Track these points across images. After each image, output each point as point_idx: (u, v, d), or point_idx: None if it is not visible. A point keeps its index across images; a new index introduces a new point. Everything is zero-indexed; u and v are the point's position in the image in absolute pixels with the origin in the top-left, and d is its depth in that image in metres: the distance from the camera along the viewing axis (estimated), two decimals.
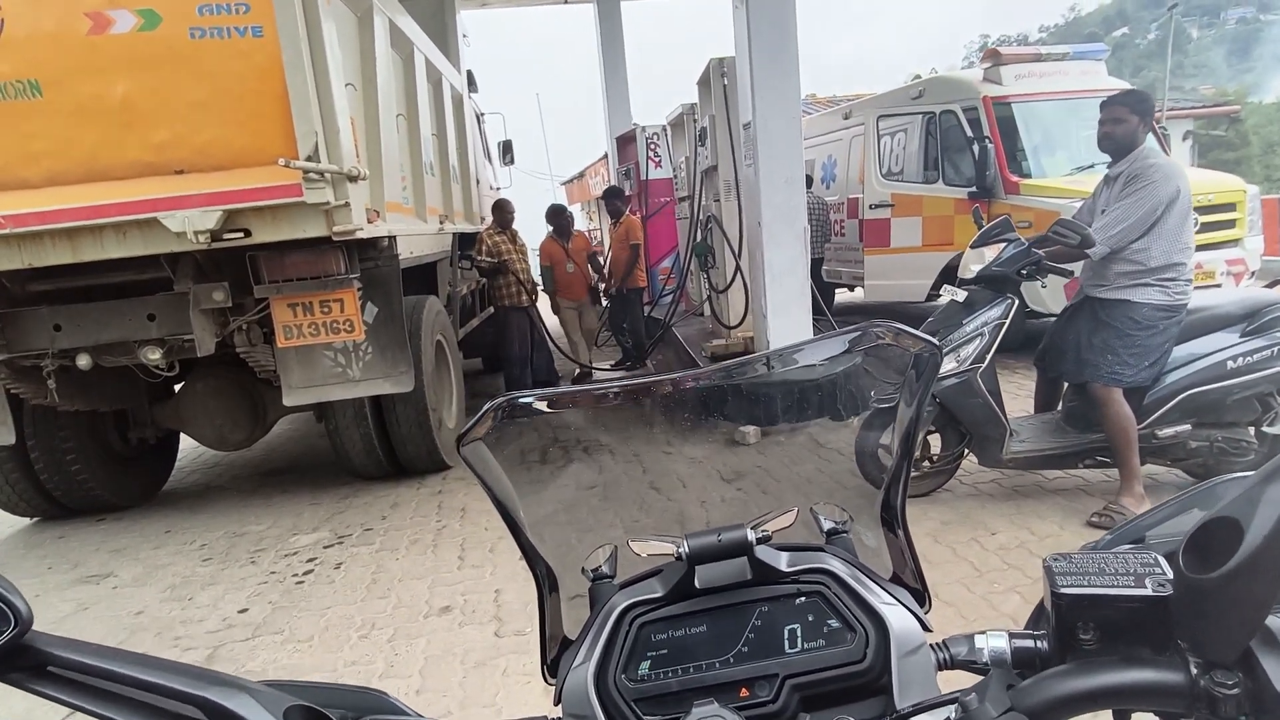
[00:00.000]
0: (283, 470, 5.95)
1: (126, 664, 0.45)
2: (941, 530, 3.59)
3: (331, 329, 4.05)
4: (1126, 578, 0.50)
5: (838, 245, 9.63)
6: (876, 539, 0.80)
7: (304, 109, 3.38)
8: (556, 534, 0.83)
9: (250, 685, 0.48)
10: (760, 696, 0.64)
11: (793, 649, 0.66)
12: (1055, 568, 0.52)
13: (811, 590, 0.68)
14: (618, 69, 11.43)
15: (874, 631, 0.65)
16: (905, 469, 0.75)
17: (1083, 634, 0.51)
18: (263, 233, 3.59)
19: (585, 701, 0.63)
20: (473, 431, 0.69)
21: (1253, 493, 0.42)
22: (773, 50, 5.30)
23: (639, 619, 0.67)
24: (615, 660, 0.66)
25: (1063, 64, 7.43)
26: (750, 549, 0.67)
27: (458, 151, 7.04)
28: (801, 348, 0.76)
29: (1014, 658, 0.58)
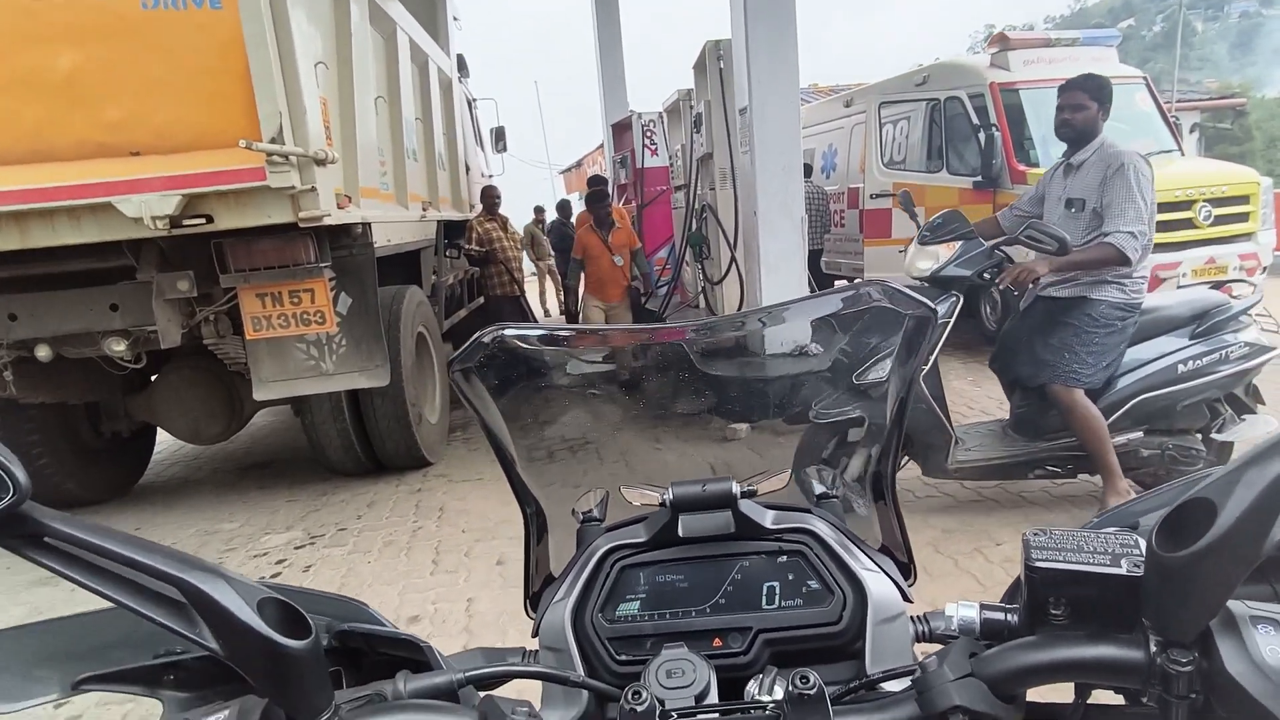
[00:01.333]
0: (263, 464, 5.78)
1: (116, 541, 0.46)
2: (943, 539, 3.41)
3: (302, 320, 3.85)
4: (1103, 556, 0.49)
5: (837, 236, 9.41)
6: (868, 509, 0.80)
7: (267, 88, 3.18)
8: (549, 474, 0.84)
9: (228, 573, 0.48)
10: (732, 647, 0.64)
11: (770, 605, 0.66)
12: (1033, 541, 0.52)
13: (794, 549, 0.68)
14: (614, 54, 11.18)
15: (853, 596, 0.65)
16: (896, 439, 0.74)
17: (1054, 609, 0.51)
18: (226, 218, 3.39)
19: (561, 636, 0.65)
20: (462, 358, 0.70)
21: (1232, 475, 0.42)
22: (770, 31, 5.08)
23: (620, 561, 0.68)
24: (594, 599, 0.67)
25: (1073, 50, 7.19)
26: (734, 502, 0.67)
27: (445, 137, 6.82)
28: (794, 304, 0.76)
29: (983, 628, 0.58)
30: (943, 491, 4.01)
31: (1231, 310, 3.32)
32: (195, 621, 0.47)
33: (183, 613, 0.47)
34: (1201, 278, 6.19)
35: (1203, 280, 6.20)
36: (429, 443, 5.07)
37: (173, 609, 0.47)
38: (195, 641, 0.47)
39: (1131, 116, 7.27)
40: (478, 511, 4.28)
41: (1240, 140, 27.29)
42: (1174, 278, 6.10)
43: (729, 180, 6.21)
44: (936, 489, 4.04)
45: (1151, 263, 6.00)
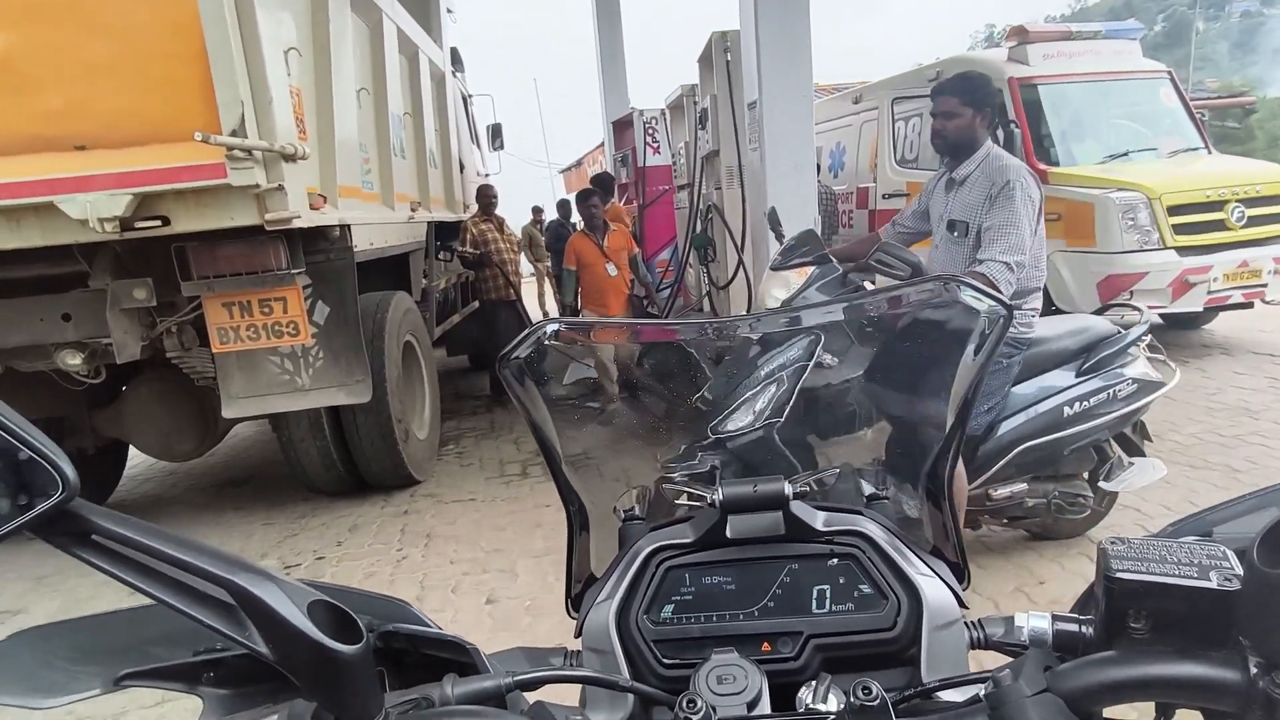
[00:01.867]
0: (242, 481, 5.44)
1: (164, 541, 0.45)
2: (981, 578, 3.07)
3: (274, 332, 3.52)
4: (1190, 568, 0.46)
5: (845, 238, 9.07)
6: (919, 509, 0.78)
7: (227, 73, 2.84)
8: (591, 471, 0.83)
9: (278, 576, 0.47)
10: (782, 652, 0.63)
11: (820, 609, 0.65)
12: (1112, 551, 0.49)
13: (845, 552, 0.66)
14: (614, 50, 10.85)
15: (907, 601, 0.63)
16: (958, 439, 0.72)
17: (1133, 622, 0.48)
18: (184, 220, 3.05)
19: (605, 637, 0.64)
20: (514, 352, 0.71)
21: None
22: (783, 20, 4.75)
23: (666, 562, 0.68)
24: (639, 600, 0.66)
25: (1094, 43, 6.86)
26: (786, 503, 0.66)
27: (437, 133, 6.48)
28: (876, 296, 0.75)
29: (1055, 640, 0.55)
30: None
31: (1120, 342, 2.95)
32: (244, 624, 0.46)
33: (232, 615, 0.46)
34: (1234, 282, 5.86)
35: (1236, 285, 5.88)
36: (417, 460, 4.73)
37: (221, 611, 0.46)
38: (245, 645, 0.46)
39: (1156, 113, 6.95)
40: (468, 538, 3.94)
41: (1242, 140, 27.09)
42: (1204, 282, 5.77)
43: (736, 179, 5.88)
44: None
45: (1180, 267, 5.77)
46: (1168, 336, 6.91)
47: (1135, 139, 6.72)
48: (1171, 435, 4.46)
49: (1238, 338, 6.70)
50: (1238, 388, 5.27)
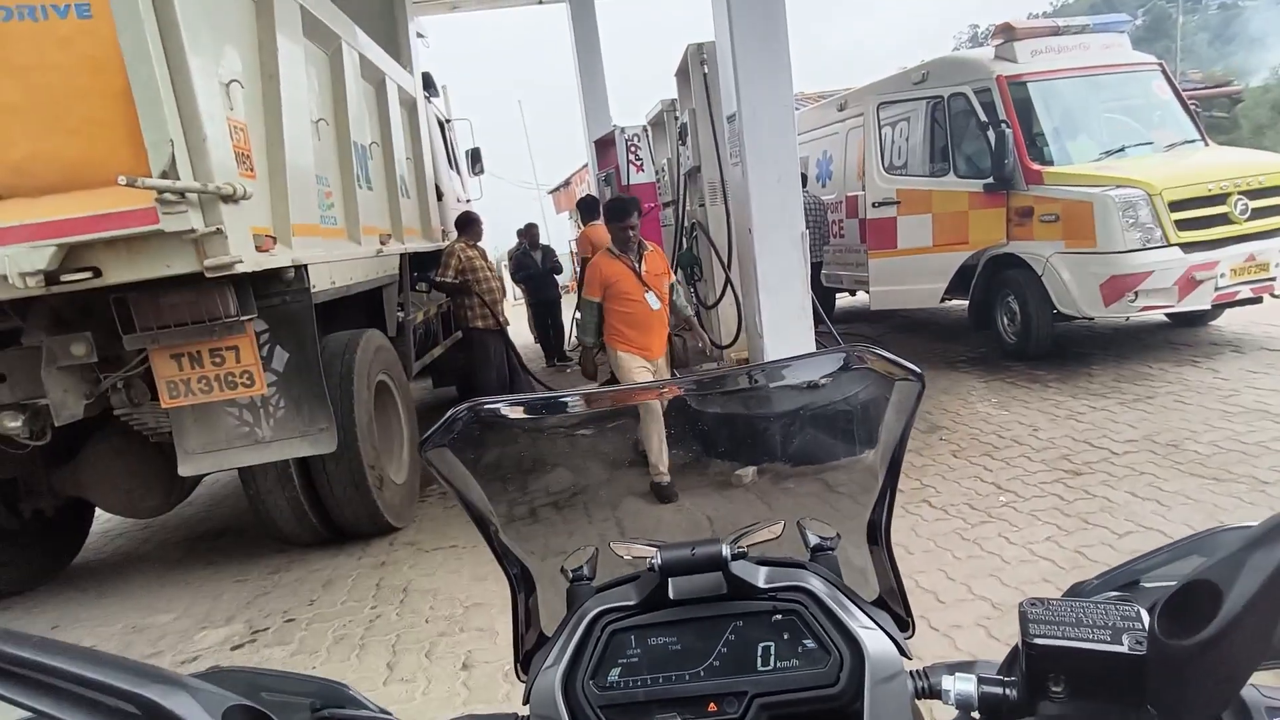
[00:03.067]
0: (216, 534, 5.18)
1: (64, 658, 0.43)
2: (994, 618, 2.81)
3: (227, 383, 3.28)
4: (1104, 631, 0.47)
5: (837, 247, 8.86)
6: (863, 559, 0.79)
7: (153, 112, 2.62)
8: (535, 534, 0.84)
9: (190, 683, 0.46)
10: (728, 713, 0.63)
11: (765, 667, 0.65)
12: (1030, 614, 0.50)
13: (788, 609, 0.66)
14: (594, 69, 10.70)
15: (849, 655, 0.63)
16: (890, 490, 0.74)
17: (1053, 685, 0.48)
18: (117, 271, 2.82)
19: (552, 704, 0.64)
20: (435, 438, 0.70)
21: (1236, 557, 0.40)
22: (759, 28, 4.54)
23: (611, 625, 0.67)
24: (585, 665, 0.66)
25: (1083, 37, 6.67)
26: (725, 564, 0.66)
27: (410, 161, 6.29)
28: (784, 362, 0.76)
29: (981, 702, 0.55)
30: (986, 550, 3.44)
31: None
32: None
33: None
34: (1242, 277, 5.63)
35: (1244, 280, 5.65)
36: (394, 506, 4.48)
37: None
38: None
39: (1150, 106, 6.75)
40: (446, 592, 3.69)
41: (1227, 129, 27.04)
42: (1212, 279, 5.54)
43: (719, 194, 5.66)
44: (979, 546, 3.47)
45: (1185, 264, 5.55)
46: (1174, 335, 6.68)
47: (1130, 134, 6.52)
48: (1190, 445, 4.22)
49: (1248, 333, 6.45)
50: (1254, 388, 5.03)
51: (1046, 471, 4.21)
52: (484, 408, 0.72)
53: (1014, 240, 6.30)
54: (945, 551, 3.45)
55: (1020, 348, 6.47)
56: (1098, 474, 4.07)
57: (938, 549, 3.48)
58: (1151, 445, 4.32)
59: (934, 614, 2.98)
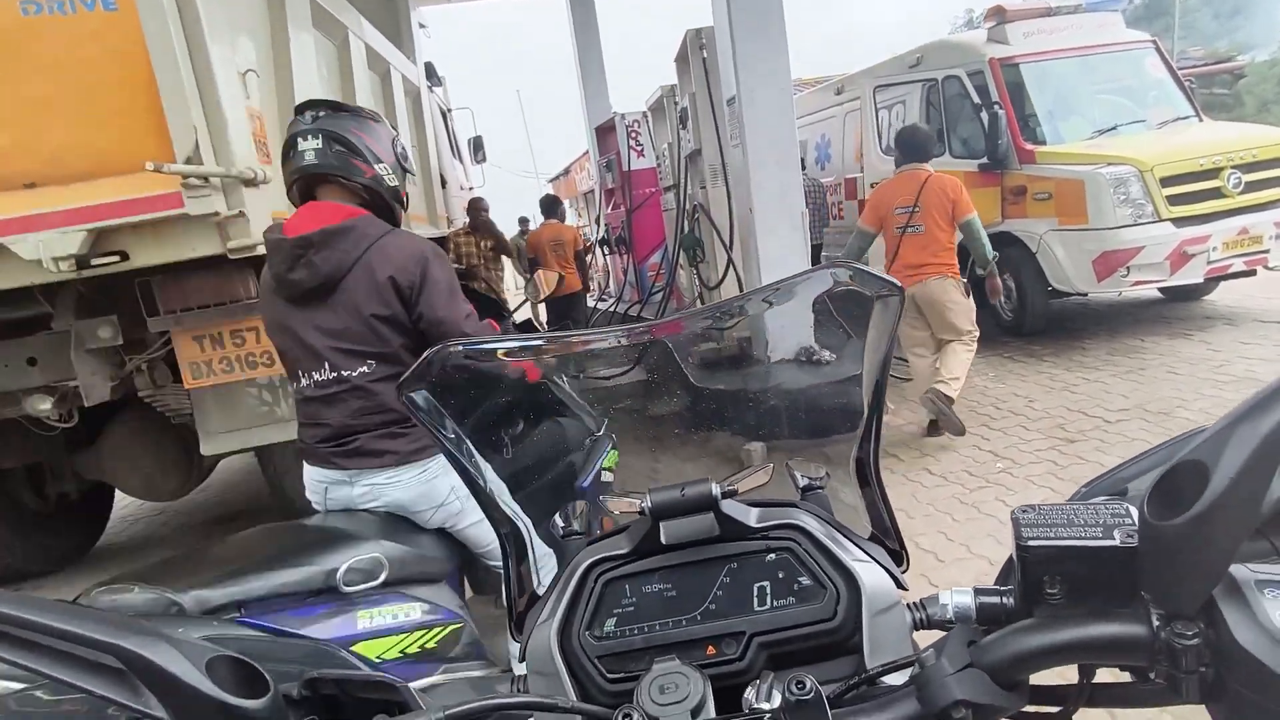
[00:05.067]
0: (233, 516, 5.32)
1: (44, 612, 0.43)
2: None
3: (247, 363, 3.40)
4: (1095, 529, 0.48)
5: (837, 229, 8.96)
6: (853, 496, 0.79)
7: (178, 100, 2.72)
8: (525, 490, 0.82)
9: (171, 634, 0.45)
10: (727, 654, 0.63)
11: (761, 606, 0.64)
12: (1022, 519, 0.50)
13: (781, 547, 0.66)
14: (593, 55, 10.77)
15: (845, 589, 0.63)
16: (876, 421, 0.73)
17: (1049, 588, 0.49)
18: (144, 254, 2.93)
19: (549, 658, 0.63)
20: (411, 381, 0.68)
21: (1221, 434, 0.40)
22: (756, 11, 4.64)
23: (604, 575, 0.67)
24: (580, 617, 0.65)
25: (1076, 17, 6.77)
26: (715, 504, 0.65)
27: (415, 149, 6.37)
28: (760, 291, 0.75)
29: (979, 614, 0.55)
30: (983, 512, 3.57)
31: None
32: (138, 689, 0.43)
33: (124, 681, 0.43)
34: (1235, 250, 5.75)
35: (1236, 254, 5.76)
36: None
37: (112, 678, 0.43)
38: (141, 711, 0.43)
39: (1143, 84, 6.85)
40: None
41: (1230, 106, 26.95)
42: (1204, 253, 5.65)
43: (720, 177, 5.77)
44: (977, 509, 3.60)
45: (1177, 238, 5.65)
46: (1168, 310, 6.80)
47: (1123, 112, 6.62)
48: (1180, 412, 4.35)
49: (1242, 306, 6.58)
50: (1244, 358, 5.15)
51: (1042, 439, 4.34)
52: (461, 347, 0.71)
53: (1008, 219, 6.41)
54: (945, 515, 3.58)
55: (1016, 324, 6.59)
56: (1091, 441, 4.20)
57: (937, 513, 3.61)
58: (1143, 413, 4.45)
59: (934, 573, 3.12)
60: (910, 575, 0.71)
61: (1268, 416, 0.39)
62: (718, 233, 6.00)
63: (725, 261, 5.92)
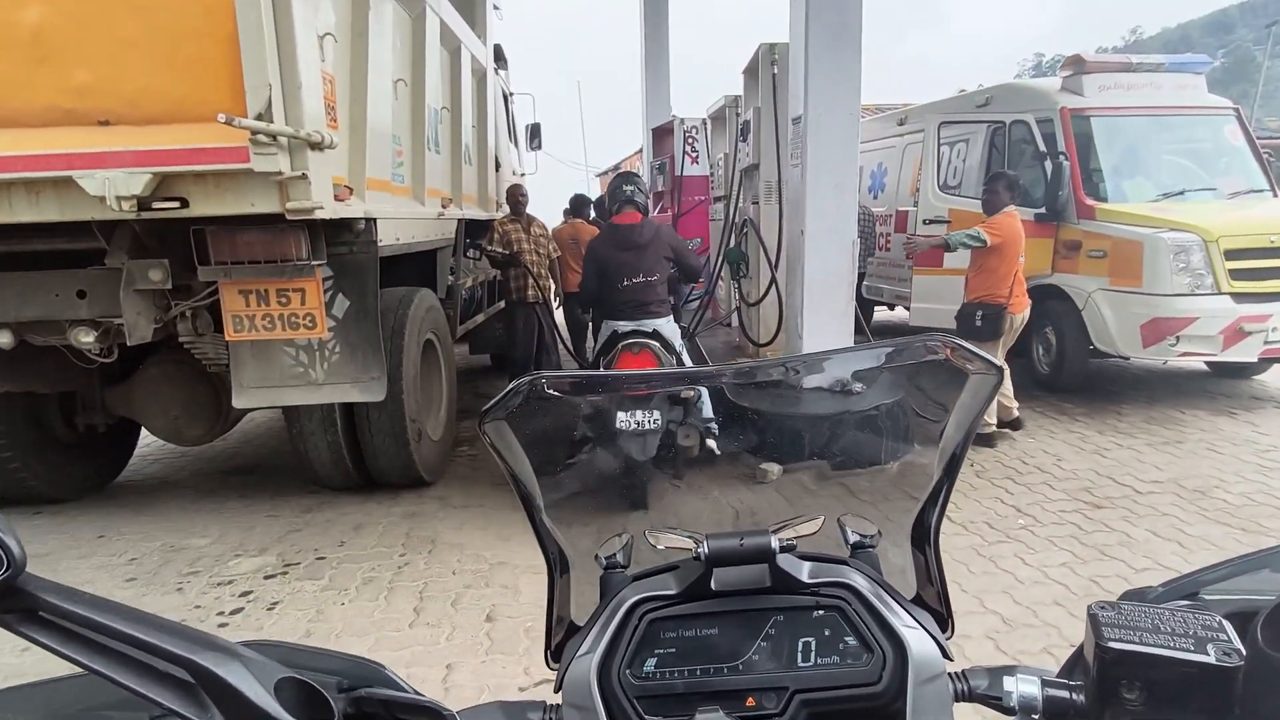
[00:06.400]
0: (249, 469, 5.36)
1: (119, 618, 0.43)
2: (1003, 632, 2.88)
3: (290, 323, 3.42)
4: (1185, 639, 0.45)
5: (882, 260, 8.86)
6: (903, 557, 0.78)
7: (256, 56, 2.74)
8: (572, 516, 0.81)
9: (243, 653, 0.45)
10: (767, 708, 0.62)
11: (805, 663, 0.64)
12: (1102, 618, 0.48)
13: (831, 605, 0.65)
14: (660, 56, 10.74)
15: (892, 654, 0.63)
16: (946, 489, 0.73)
17: (1127, 692, 0.47)
18: (202, 204, 2.96)
19: (586, 693, 0.62)
20: (495, 410, 0.68)
21: None
22: (833, 33, 4.59)
23: (650, 614, 0.66)
24: (621, 654, 0.64)
25: (1156, 76, 6.61)
26: (773, 556, 0.64)
27: (475, 130, 6.41)
28: (848, 352, 0.77)
29: (1045, 706, 0.53)
30: (1000, 567, 3.49)
31: None
32: (206, 706, 0.43)
33: (192, 695, 0.44)
34: None
35: None
36: (428, 461, 4.63)
37: (181, 691, 0.44)
38: None
39: (1218, 151, 6.69)
40: (473, 548, 3.82)
41: None
42: (1262, 332, 5.50)
43: (774, 194, 5.72)
44: (994, 563, 3.53)
45: (1235, 314, 5.52)
46: (1213, 385, 6.64)
47: (1193, 178, 6.46)
48: (1218, 493, 4.23)
49: None
50: None
51: (1067, 500, 4.25)
52: (546, 381, 0.71)
53: (1058, 272, 6.29)
54: (961, 565, 3.51)
55: (1052, 379, 6.47)
56: (1118, 509, 4.10)
57: (953, 562, 3.54)
58: (1178, 488, 4.34)
59: None
60: None
61: None
62: (764, 250, 5.96)
63: (769, 280, 5.87)
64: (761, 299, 6.06)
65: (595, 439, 0.87)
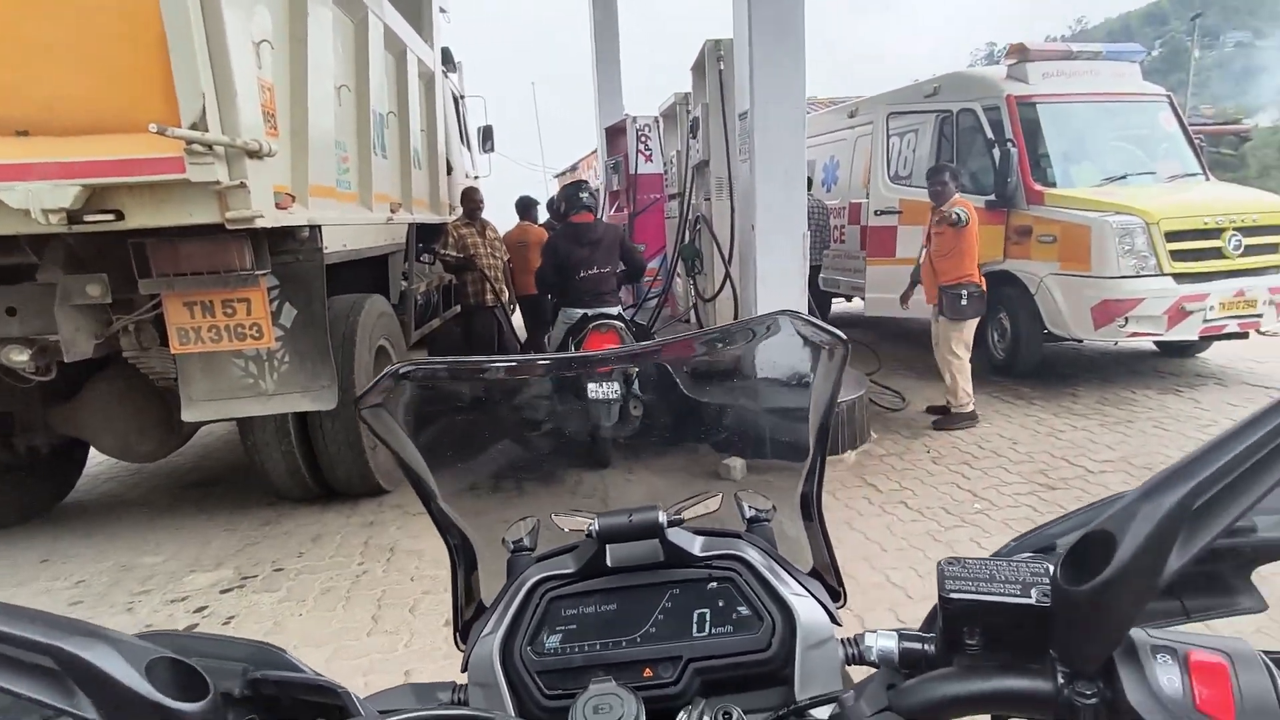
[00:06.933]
0: (208, 482, 5.26)
1: None
2: None
3: (236, 334, 3.36)
4: (1014, 585, 0.49)
5: (837, 252, 8.96)
6: (799, 531, 0.81)
7: (187, 63, 2.69)
8: (476, 505, 0.84)
9: (112, 635, 0.43)
10: (663, 677, 0.64)
11: (700, 633, 0.66)
12: (947, 571, 0.51)
13: (723, 576, 0.68)
14: (610, 55, 10.74)
15: (781, 622, 0.65)
16: (820, 461, 0.76)
17: (968, 638, 0.51)
18: (139, 215, 2.90)
19: (490, 671, 0.64)
20: (369, 396, 0.69)
21: (1129, 508, 0.42)
22: (776, 29, 4.63)
23: (550, 593, 0.68)
24: (523, 632, 0.66)
25: (1095, 64, 6.78)
26: (661, 531, 0.67)
27: (424, 133, 6.35)
28: (708, 333, 0.76)
29: (902, 658, 0.57)
30: (956, 552, 3.56)
31: None
32: (72, 692, 0.41)
33: (58, 683, 0.41)
34: (1230, 312, 5.77)
35: (1231, 315, 5.78)
36: (386, 469, 4.57)
37: (46, 680, 0.41)
38: (75, 715, 0.41)
39: (1155, 137, 6.88)
40: (431, 554, 3.79)
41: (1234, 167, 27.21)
42: (1201, 311, 5.67)
43: (725, 190, 5.76)
44: (950, 549, 3.59)
45: (1177, 294, 5.68)
46: (1161, 364, 6.82)
47: (1133, 162, 6.64)
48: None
49: (1232, 367, 6.61)
50: (1231, 419, 5.10)
51: (1022, 483, 4.33)
52: (417, 369, 0.71)
53: (1010, 258, 6.41)
54: (918, 551, 3.57)
55: (1008, 364, 6.60)
56: (1072, 490, 4.19)
57: (911, 548, 3.60)
58: (1128, 467, 4.45)
59: (903, 609, 3.10)
60: (879, 610, 0.77)
61: (1169, 494, 0.41)
62: (718, 246, 5.99)
63: (723, 275, 5.91)
64: (716, 294, 6.09)
65: (488, 425, 0.88)
